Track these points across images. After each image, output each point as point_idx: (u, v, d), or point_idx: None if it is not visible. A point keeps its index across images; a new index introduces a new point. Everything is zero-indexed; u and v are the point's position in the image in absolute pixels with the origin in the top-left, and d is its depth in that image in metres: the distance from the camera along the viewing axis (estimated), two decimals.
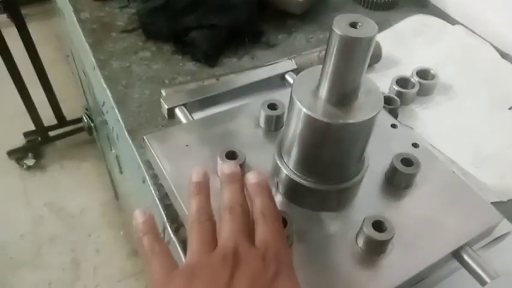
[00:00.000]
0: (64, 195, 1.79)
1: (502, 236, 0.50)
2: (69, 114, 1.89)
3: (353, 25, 0.32)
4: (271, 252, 0.32)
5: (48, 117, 1.83)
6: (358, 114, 0.36)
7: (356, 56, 0.33)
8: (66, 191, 1.80)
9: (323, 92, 0.36)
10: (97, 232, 1.67)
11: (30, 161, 1.87)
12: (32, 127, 1.82)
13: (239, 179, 0.37)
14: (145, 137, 0.48)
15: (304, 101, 0.37)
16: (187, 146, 0.47)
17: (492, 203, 0.53)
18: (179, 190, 0.43)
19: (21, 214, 1.73)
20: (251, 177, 0.37)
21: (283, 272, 0.31)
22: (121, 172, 0.91)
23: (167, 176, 0.45)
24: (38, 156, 1.91)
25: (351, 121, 0.35)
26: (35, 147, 1.89)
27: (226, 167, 0.38)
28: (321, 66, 0.36)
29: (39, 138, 1.87)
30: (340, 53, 0.33)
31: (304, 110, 0.36)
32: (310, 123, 0.36)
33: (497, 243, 0.49)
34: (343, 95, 0.36)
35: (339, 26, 0.32)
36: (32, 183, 1.84)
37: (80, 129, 1.84)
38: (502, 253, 0.48)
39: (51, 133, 1.89)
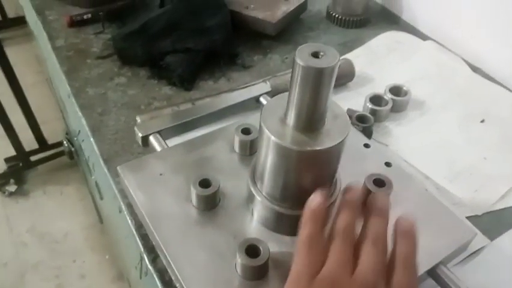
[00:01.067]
0: (47, 220, 1.76)
1: (477, 250, 0.50)
2: (51, 137, 1.87)
3: (315, 55, 0.33)
4: None
5: (29, 141, 1.81)
6: (326, 140, 0.36)
7: (319, 84, 0.33)
8: (49, 216, 1.77)
9: (290, 119, 0.37)
10: (81, 257, 1.64)
11: (12, 187, 1.84)
12: (13, 151, 1.79)
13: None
14: (118, 168, 0.48)
15: (273, 128, 0.37)
16: (161, 174, 0.47)
17: (467, 217, 0.54)
18: (152, 221, 0.43)
19: (4, 241, 1.69)
20: (403, 221, 0.36)
21: None
22: (101, 198, 0.90)
23: (140, 206, 0.44)
24: (20, 181, 1.87)
25: (318, 148, 0.36)
26: (17, 173, 1.86)
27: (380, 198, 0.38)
28: (287, 93, 0.37)
29: (21, 164, 1.84)
30: (304, 82, 0.33)
31: (272, 138, 0.36)
32: (279, 151, 0.37)
33: (473, 258, 0.50)
34: (310, 121, 0.36)
35: (302, 56, 0.33)
36: (15, 209, 1.80)
37: (62, 153, 1.82)
38: (478, 268, 0.49)
39: (33, 158, 1.86)
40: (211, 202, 0.44)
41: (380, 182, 0.45)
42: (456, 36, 0.79)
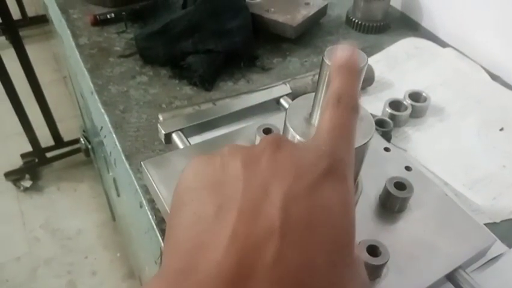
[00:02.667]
0: (61, 216, 1.78)
1: (496, 257, 0.50)
2: (66, 135, 1.90)
3: None
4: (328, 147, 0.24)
5: (45, 137, 1.84)
6: None
7: None
8: (62, 212, 1.80)
9: (316, 120, 0.37)
10: (93, 254, 1.66)
11: (27, 183, 1.87)
12: (29, 147, 1.82)
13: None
14: (142, 163, 0.49)
15: (298, 128, 0.37)
16: None
17: (485, 224, 0.54)
18: None
19: (18, 236, 1.72)
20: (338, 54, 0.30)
21: (335, 173, 0.23)
22: (118, 195, 0.91)
23: (163, 201, 0.45)
24: (35, 177, 1.91)
25: None
26: (32, 169, 1.89)
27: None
28: (313, 93, 0.37)
29: (37, 160, 1.87)
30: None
31: (297, 137, 0.37)
32: None
33: (491, 264, 0.49)
34: None
35: (331, 56, 0.33)
36: (29, 204, 1.83)
37: (77, 150, 1.85)
38: (496, 274, 0.49)
39: (49, 154, 1.89)
40: None
41: (401, 185, 0.45)
42: (475, 43, 0.79)
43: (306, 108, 0.39)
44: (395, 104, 0.66)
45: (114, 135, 0.63)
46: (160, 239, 0.51)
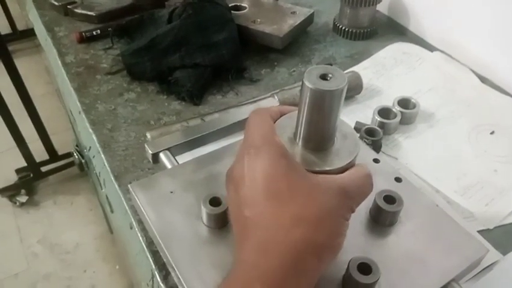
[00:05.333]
0: (58, 230, 1.77)
1: (490, 265, 0.50)
2: (61, 148, 1.89)
3: (324, 77, 0.33)
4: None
5: (39, 151, 1.83)
6: (335, 161, 0.36)
7: (328, 106, 0.34)
8: (60, 226, 1.79)
9: (299, 139, 0.37)
10: (92, 267, 1.65)
11: (23, 198, 1.86)
12: (24, 162, 1.81)
13: None
14: (129, 186, 0.48)
15: None
16: (171, 192, 0.48)
17: (478, 231, 0.54)
18: (163, 239, 0.44)
19: (15, 252, 1.71)
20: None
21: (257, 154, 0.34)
22: (111, 211, 0.90)
23: (151, 225, 0.45)
24: (30, 192, 1.90)
25: (328, 168, 0.36)
26: (28, 184, 1.88)
27: None
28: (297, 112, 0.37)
29: (32, 174, 1.86)
30: (313, 104, 0.34)
31: None
32: None
33: (485, 273, 0.49)
34: (319, 142, 0.36)
35: (310, 79, 0.33)
36: (25, 220, 1.82)
37: (72, 163, 1.84)
38: (490, 284, 0.48)
39: (44, 168, 1.88)
40: (221, 220, 0.44)
41: (390, 199, 0.45)
42: (463, 46, 0.79)
43: (290, 128, 0.38)
44: (384, 112, 0.66)
45: (102, 155, 0.62)
46: (151, 261, 0.50)
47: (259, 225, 0.31)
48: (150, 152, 0.54)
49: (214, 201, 0.44)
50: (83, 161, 1.43)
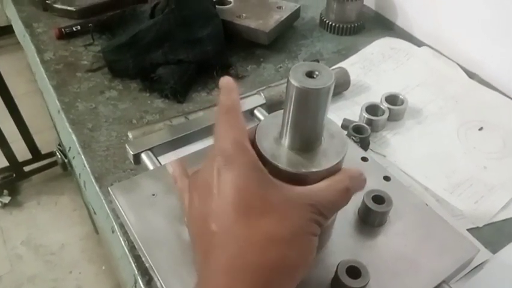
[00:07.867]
0: (42, 231, 1.73)
1: (480, 264, 0.49)
2: (44, 147, 1.85)
3: (310, 74, 0.32)
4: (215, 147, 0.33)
5: (22, 151, 1.79)
6: (322, 161, 0.35)
7: (314, 105, 0.32)
8: (44, 227, 1.75)
9: (285, 140, 0.35)
10: (78, 268, 1.62)
11: (5, 199, 1.82)
12: (6, 162, 1.77)
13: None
14: (109, 189, 0.46)
15: (268, 149, 0.36)
16: (153, 195, 0.46)
17: (468, 229, 0.53)
18: (144, 243, 0.42)
19: None
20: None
21: (228, 165, 0.31)
22: (94, 213, 0.88)
23: (132, 228, 0.43)
24: (13, 192, 1.85)
25: (315, 169, 0.34)
26: (10, 184, 1.84)
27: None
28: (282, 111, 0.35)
29: (14, 174, 1.82)
30: (299, 103, 0.32)
31: (268, 158, 0.35)
32: (275, 172, 0.35)
33: (475, 273, 0.48)
34: (305, 142, 0.35)
35: (296, 77, 0.31)
36: (9, 221, 1.78)
37: (56, 163, 1.80)
38: (481, 283, 0.48)
39: (27, 168, 1.84)
40: None
41: (379, 199, 0.43)
42: (451, 41, 0.78)
43: (276, 127, 0.37)
44: (372, 108, 0.65)
45: (83, 156, 0.60)
46: (133, 265, 0.48)
47: (228, 243, 0.29)
48: (131, 152, 0.52)
49: None
50: (66, 160, 1.39)
